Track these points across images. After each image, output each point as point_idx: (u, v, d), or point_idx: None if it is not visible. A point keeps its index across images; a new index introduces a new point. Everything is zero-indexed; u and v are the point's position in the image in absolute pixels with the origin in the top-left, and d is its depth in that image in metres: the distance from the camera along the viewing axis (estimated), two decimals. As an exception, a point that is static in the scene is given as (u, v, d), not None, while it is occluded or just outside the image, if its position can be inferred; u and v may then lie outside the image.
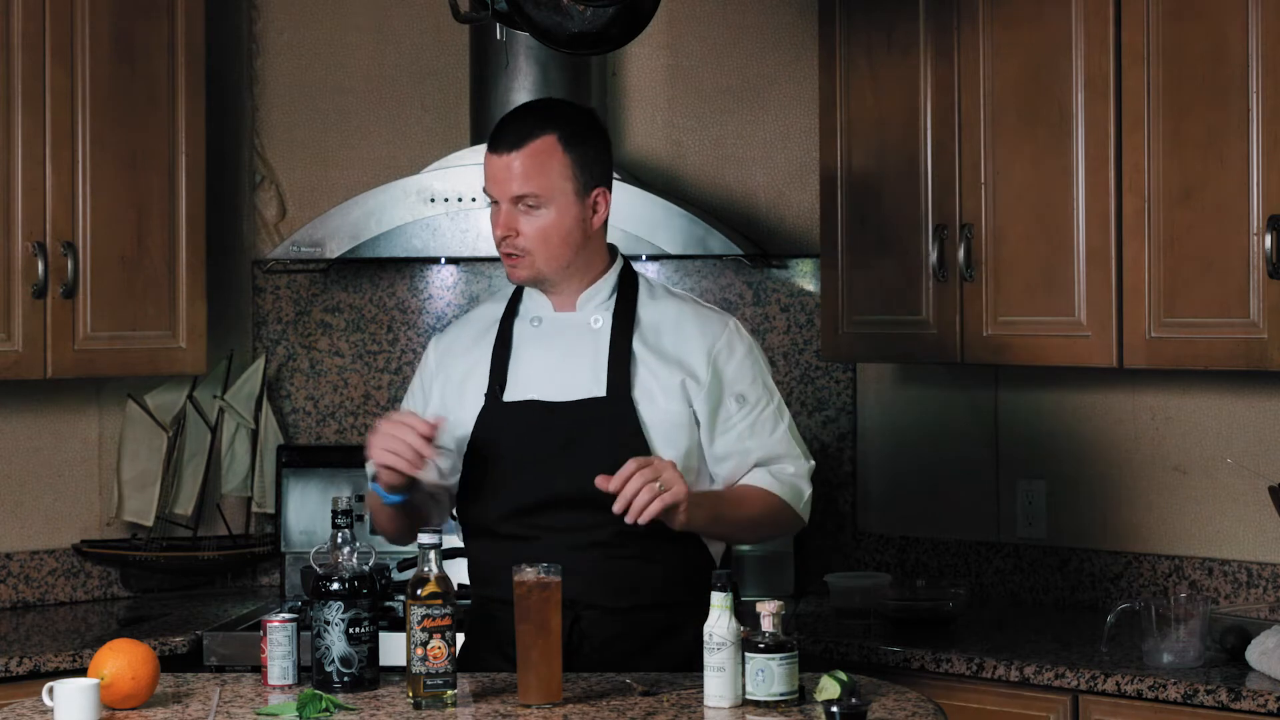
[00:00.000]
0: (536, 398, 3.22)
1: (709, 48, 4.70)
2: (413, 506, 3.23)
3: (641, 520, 2.98)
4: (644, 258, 4.59)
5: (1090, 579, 4.28)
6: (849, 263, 4.29)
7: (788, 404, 4.59)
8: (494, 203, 3.23)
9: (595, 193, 3.23)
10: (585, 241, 3.24)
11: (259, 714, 2.93)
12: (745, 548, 4.46)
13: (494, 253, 4.29)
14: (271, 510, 4.71)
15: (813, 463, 3.33)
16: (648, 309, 3.29)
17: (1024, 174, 3.99)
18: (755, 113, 4.68)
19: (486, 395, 3.25)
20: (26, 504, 4.53)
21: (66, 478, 4.59)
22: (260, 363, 4.72)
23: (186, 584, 4.68)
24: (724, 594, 2.91)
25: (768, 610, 2.92)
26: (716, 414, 3.24)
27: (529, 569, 2.94)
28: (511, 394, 3.24)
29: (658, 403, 3.21)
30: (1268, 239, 3.62)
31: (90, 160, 4.24)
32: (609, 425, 3.18)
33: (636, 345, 3.24)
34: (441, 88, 4.77)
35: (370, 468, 3.16)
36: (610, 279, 3.29)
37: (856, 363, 4.59)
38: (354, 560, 3.04)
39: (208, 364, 4.49)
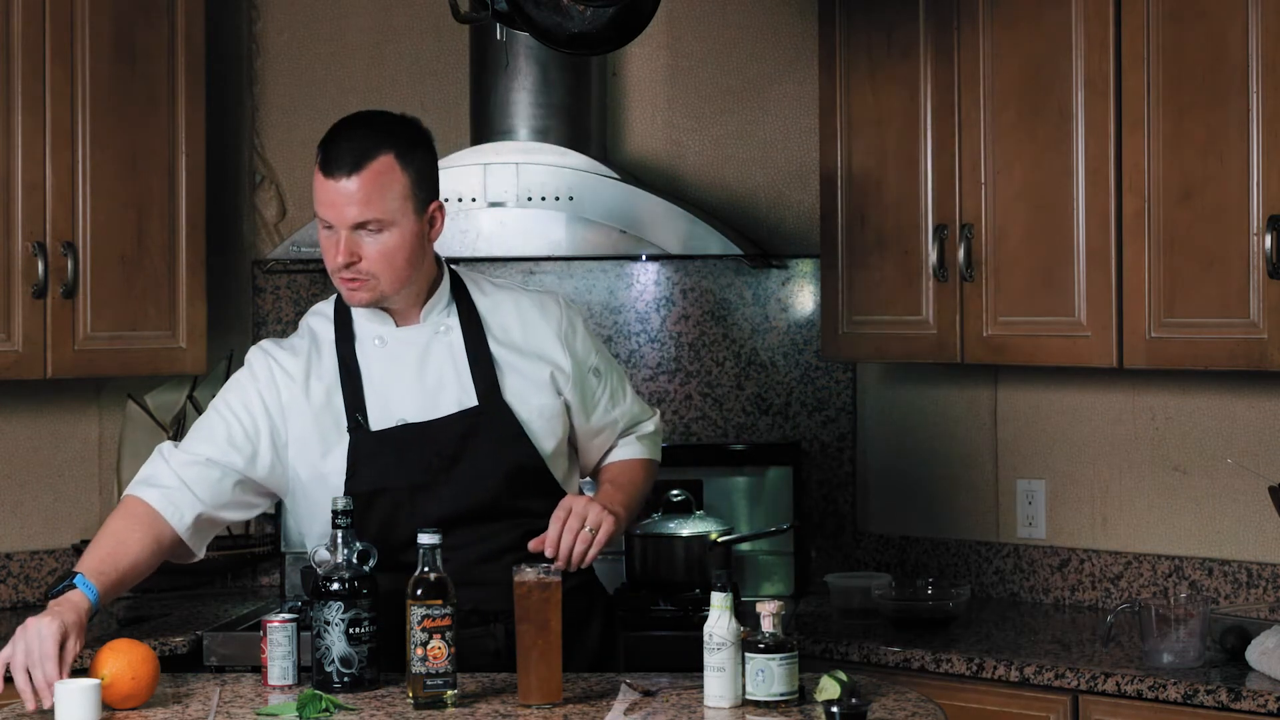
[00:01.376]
0: (407, 419, 3.15)
1: (709, 48, 4.70)
2: (175, 544, 3.20)
3: (584, 565, 3.11)
4: (644, 258, 4.60)
5: (1090, 579, 4.28)
6: (849, 263, 4.29)
7: (789, 404, 4.61)
8: (327, 227, 3.10)
9: (432, 207, 3.16)
10: (425, 256, 3.17)
11: (259, 714, 2.93)
12: (745, 547, 4.45)
13: (494, 253, 4.34)
14: (271, 510, 4.70)
15: (658, 410, 3.52)
16: (486, 307, 3.25)
17: (1024, 174, 3.99)
18: (755, 113, 4.68)
19: (350, 429, 3.15)
20: (26, 504, 4.53)
21: (66, 478, 4.59)
22: (260, 363, 4.71)
23: (186, 584, 4.68)
24: (724, 594, 2.91)
25: (768, 610, 2.92)
26: (584, 393, 3.29)
27: (529, 569, 2.94)
28: (378, 421, 3.15)
29: (530, 400, 3.20)
30: (1268, 239, 3.62)
31: (90, 160, 4.24)
32: (490, 433, 3.15)
33: (493, 346, 3.21)
34: (441, 88, 4.77)
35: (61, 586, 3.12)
36: (446, 285, 3.23)
37: (856, 363, 4.59)
38: (354, 560, 3.04)
39: (208, 364, 4.49)
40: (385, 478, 3.14)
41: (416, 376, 3.18)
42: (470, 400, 3.17)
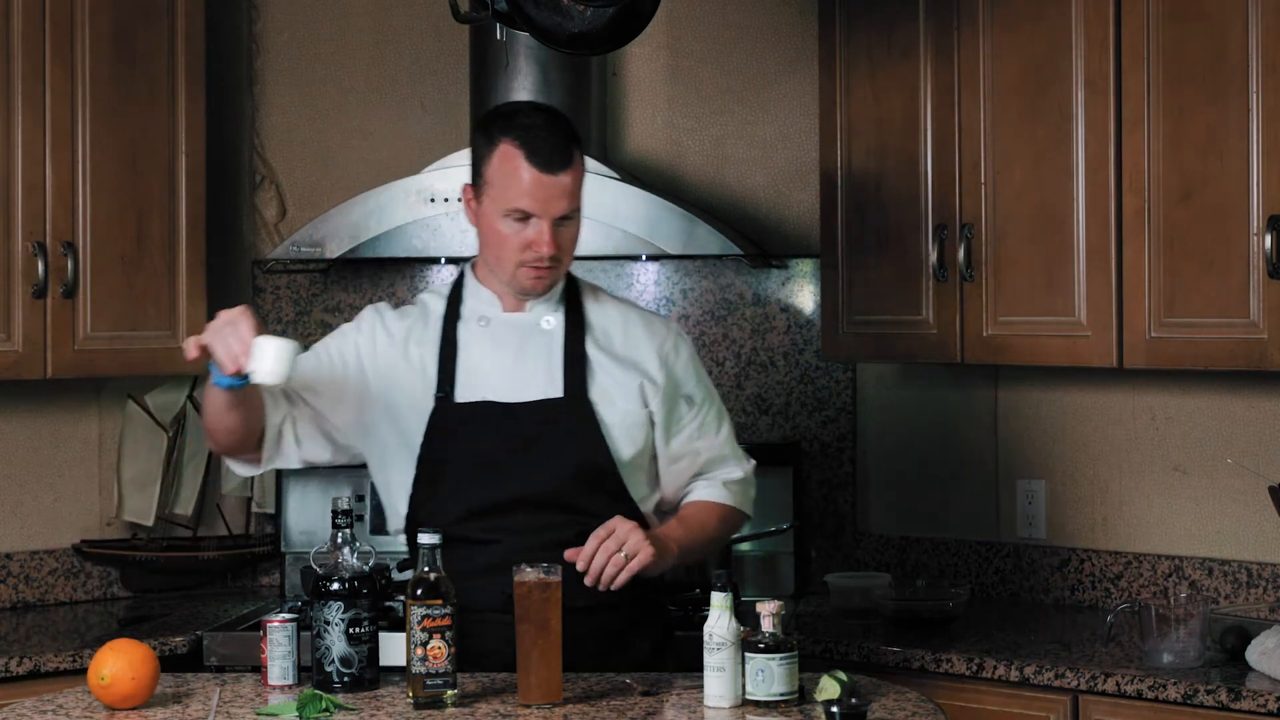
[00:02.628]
0: (490, 398, 3.21)
1: (709, 48, 4.70)
2: (248, 405, 3.13)
3: (613, 588, 3.10)
4: (644, 258, 4.60)
5: (1090, 579, 4.28)
6: (849, 263, 4.29)
7: (789, 404, 4.61)
8: (521, 218, 3.19)
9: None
10: None
11: (259, 714, 2.93)
12: (746, 547, 4.46)
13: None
14: (271, 510, 4.71)
15: (754, 462, 3.44)
16: (594, 312, 3.31)
17: (1024, 174, 3.99)
18: (755, 113, 4.68)
19: (437, 396, 3.22)
20: (26, 504, 4.53)
21: (66, 478, 4.59)
22: (260, 363, 4.71)
23: (186, 584, 4.68)
24: (724, 594, 2.91)
25: (768, 610, 2.92)
26: (671, 415, 3.29)
27: (529, 569, 2.94)
28: (463, 395, 3.22)
29: (615, 404, 3.22)
30: (1268, 239, 3.62)
31: (90, 160, 4.24)
32: (568, 426, 3.18)
33: (589, 348, 3.25)
34: (441, 88, 4.77)
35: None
36: (561, 282, 3.30)
37: (856, 363, 4.59)
38: (354, 560, 3.04)
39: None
40: (458, 450, 3.19)
41: (510, 360, 3.24)
42: (555, 391, 3.21)
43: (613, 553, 3.07)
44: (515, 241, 3.18)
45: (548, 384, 3.22)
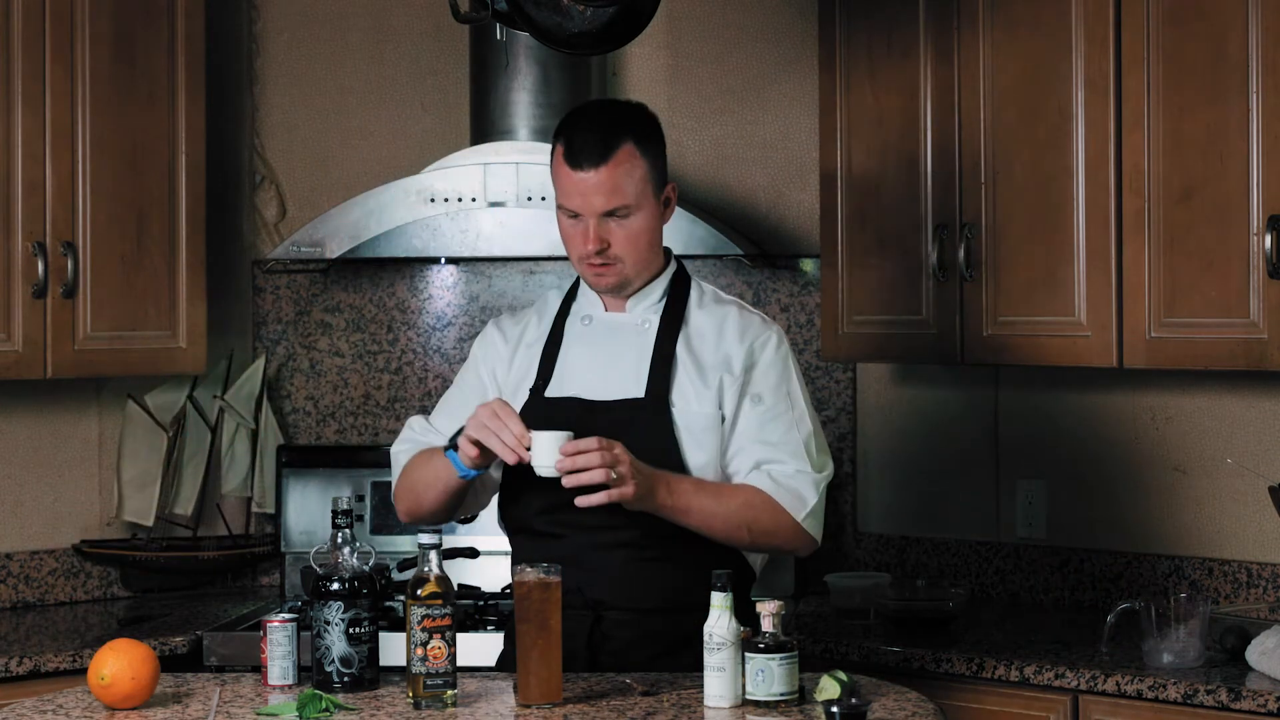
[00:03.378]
0: (578, 395, 3.23)
1: (709, 48, 4.70)
2: (472, 488, 3.24)
3: (580, 502, 2.98)
4: (644, 258, 4.59)
5: (1090, 579, 4.28)
6: (849, 263, 4.29)
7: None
8: (572, 216, 3.19)
9: (667, 189, 3.27)
10: (661, 239, 3.28)
11: (259, 714, 2.93)
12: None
13: (495, 253, 4.34)
14: (271, 510, 4.71)
15: (826, 472, 3.22)
16: (696, 316, 3.29)
17: (1024, 174, 3.99)
18: (755, 113, 4.68)
19: (531, 390, 3.27)
20: (26, 504, 4.53)
21: (66, 478, 4.59)
22: (260, 363, 4.72)
23: (186, 584, 4.68)
24: (724, 594, 2.91)
25: (768, 610, 2.92)
26: (738, 409, 3.21)
27: (529, 569, 2.94)
28: (554, 390, 3.26)
29: (692, 405, 3.19)
30: (1268, 239, 3.62)
31: (90, 160, 4.24)
32: (644, 427, 3.17)
33: (680, 349, 3.24)
34: (441, 88, 4.77)
35: (451, 441, 3.15)
36: (663, 282, 3.30)
37: (856, 363, 4.59)
38: (354, 560, 3.04)
39: (208, 364, 4.49)
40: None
41: (603, 358, 3.25)
42: (638, 391, 3.20)
43: (605, 463, 2.97)
44: (573, 238, 3.21)
45: (633, 384, 3.21)
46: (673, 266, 3.33)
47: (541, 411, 3.22)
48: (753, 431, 3.20)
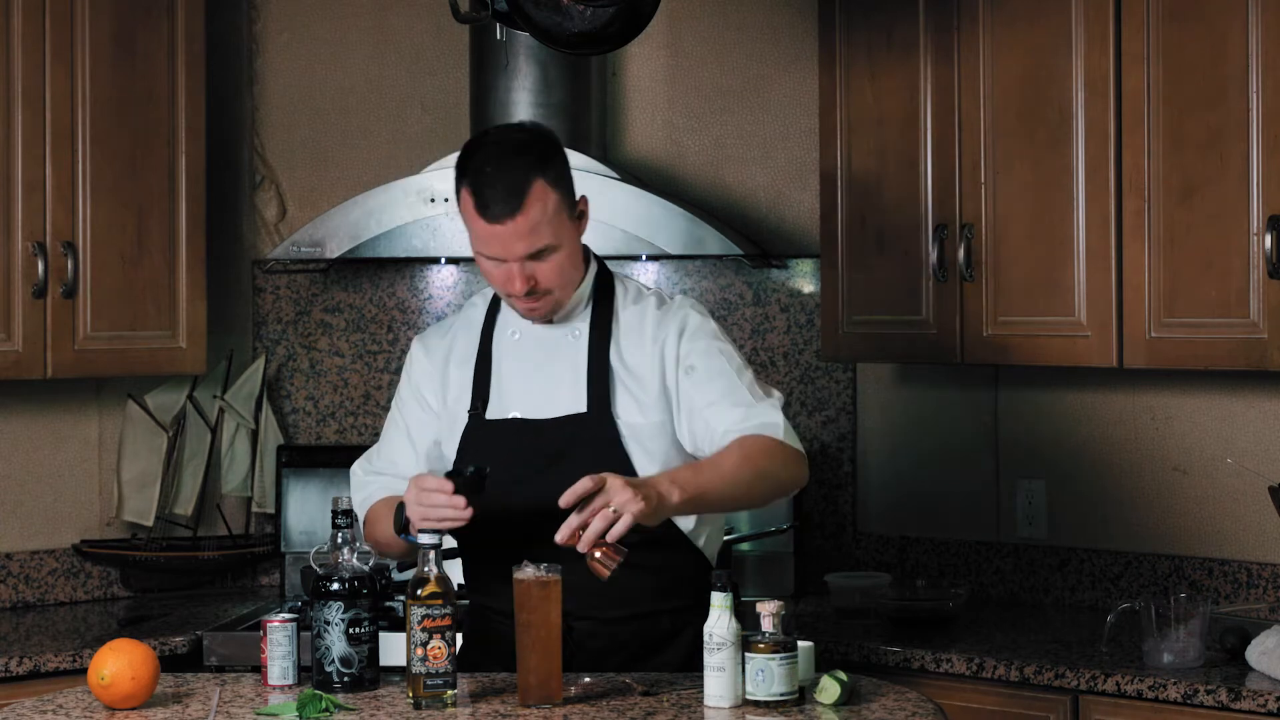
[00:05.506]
0: (519, 415, 3.20)
1: (709, 48, 4.70)
2: None
3: (597, 547, 2.89)
4: (644, 258, 4.59)
5: (1090, 579, 4.28)
6: (849, 263, 4.29)
7: (789, 404, 4.60)
8: (494, 258, 3.12)
9: (579, 203, 3.20)
10: (582, 252, 3.23)
11: (259, 714, 2.93)
12: (746, 547, 4.45)
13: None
14: (271, 510, 4.71)
15: (776, 395, 3.18)
16: (623, 315, 3.25)
17: (1024, 174, 3.99)
18: (755, 113, 4.68)
19: (470, 413, 3.24)
20: (26, 504, 4.53)
21: (66, 478, 4.59)
22: (260, 363, 4.72)
23: (186, 584, 4.68)
24: (724, 594, 2.91)
25: (768, 610, 2.92)
26: (678, 386, 3.18)
27: (529, 567, 2.94)
28: (494, 411, 3.23)
29: (636, 417, 3.18)
30: (1268, 239, 3.62)
31: (90, 160, 4.24)
32: (590, 442, 3.15)
33: (614, 357, 3.21)
34: (441, 88, 4.77)
35: (398, 524, 3.11)
36: (586, 285, 3.25)
37: (856, 363, 4.59)
38: (354, 560, 3.04)
39: (208, 364, 4.49)
40: (489, 466, 3.15)
41: (538, 375, 3.22)
42: (580, 406, 3.18)
43: (599, 509, 2.86)
44: (498, 279, 3.16)
45: (574, 398, 3.19)
46: (594, 268, 3.27)
47: (484, 435, 3.21)
48: (702, 398, 3.15)
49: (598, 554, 2.86)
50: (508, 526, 3.15)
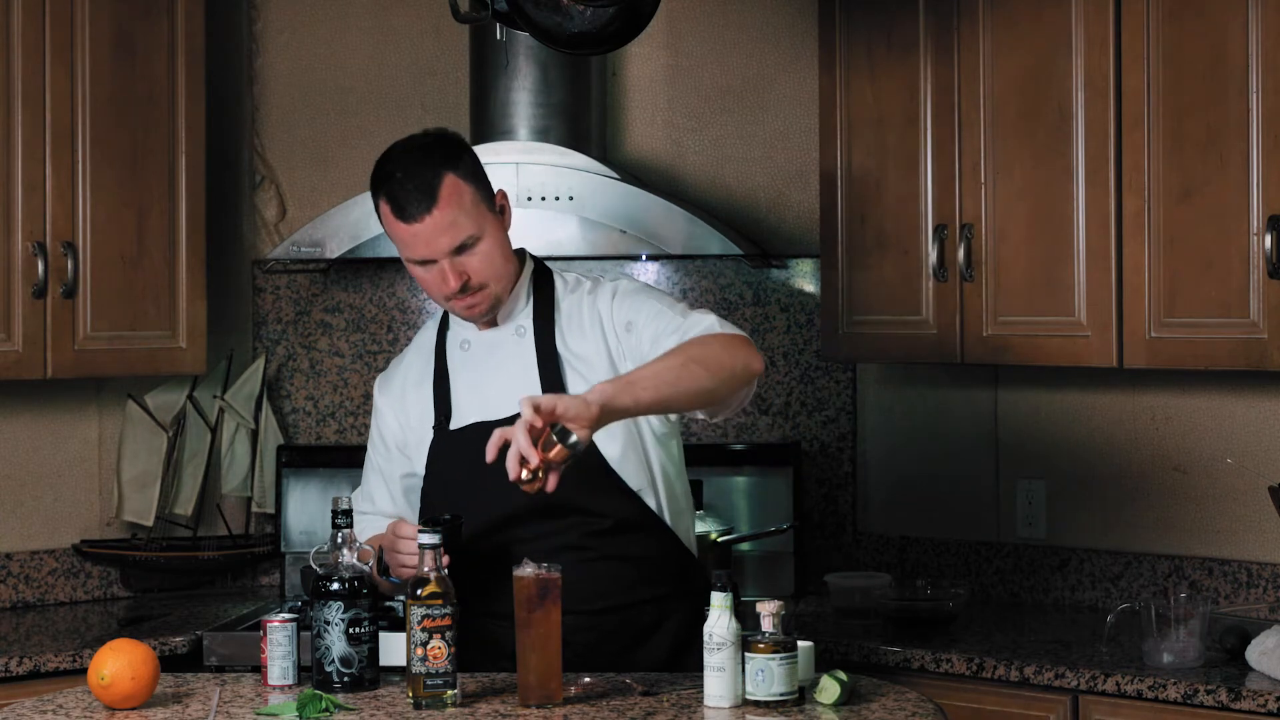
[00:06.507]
0: (478, 420, 3.21)
1: (709, 48, 4.70)
2: None
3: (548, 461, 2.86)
4: (644, 258, 4.60)
5: (1090, 579, 4.28)
6: (849, 263, 4.29)
7: (789, 404, 4.60)
8: (423, 263, 3.16)
9: (497, 196, 3.23)
10: (511, 247, 3.25)
11: (259, 714, 2.92)
12: (746, 547, 4.45)
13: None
14: (271, 510, 4.71)
15: (706, 313, 3.15)
16: (563, 304, 3.27)
17: (1024, 174, 3.99)
18: (755, 113, 4.68)
19: (435, 427, 3.27)
20: (26, 504, 4.53)
21: (66, 478, 4.59)
22: (260, 363, 4.72)
23: (186, 584, 4.68)
24: (724, 594, 2.91)
25: (768, 610, 2.92)
26: (620, 346, 3.20)
27: (529, 566, 2.94)
28: (456, 422, 3.26)
29: None
30: (1268, 239, 3.62)
31: (90, 160, 4.24)
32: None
33: (560, 346, 3.23)
34: (441, 88, 4.77)
35: (383, 562, 3.19)
36: (524, 283, 3.28)
37: (856, 363, 4.59)
38: (354, 560, 3.04)
39: (208, 364, 4.49)
40: (456, 473, 3.21)
41: (491, 379, 3.25)
42: None
43: (515, 427, 2.83)
44: (432, 284, 3.19)
45: (527, 393, 3.17)
46: (530, 265, 3.30)
47: (448, 446, 3.24)
48: (647, 342, 3.15)
49: (543, 459, 2.82)
50: (489, 531, 3.17)
